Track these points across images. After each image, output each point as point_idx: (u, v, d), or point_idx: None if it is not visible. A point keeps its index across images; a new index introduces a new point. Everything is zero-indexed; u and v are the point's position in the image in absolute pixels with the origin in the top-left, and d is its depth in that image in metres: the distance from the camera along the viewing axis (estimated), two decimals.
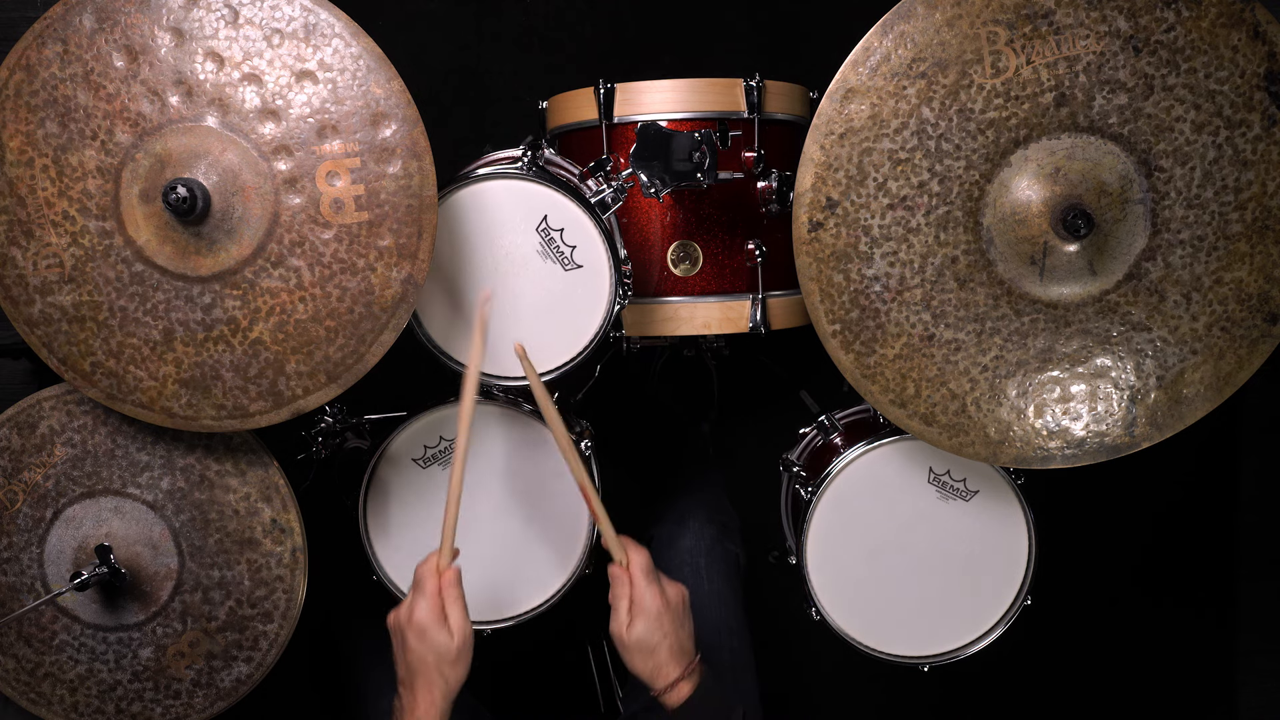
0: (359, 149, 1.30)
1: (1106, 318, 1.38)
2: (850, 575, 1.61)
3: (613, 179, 1.52)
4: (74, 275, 1.32)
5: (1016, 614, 1.62)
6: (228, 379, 1.35)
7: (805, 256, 1.38)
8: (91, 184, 1.30)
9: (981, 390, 1.41)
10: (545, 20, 2.24)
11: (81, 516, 1.48)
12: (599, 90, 1.64)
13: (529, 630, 1.63)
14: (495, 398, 1.58)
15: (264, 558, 1.49)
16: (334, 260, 1.32)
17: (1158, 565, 2.38)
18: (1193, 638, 2.38)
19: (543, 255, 1.48)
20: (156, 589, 1.49)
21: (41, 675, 1.50)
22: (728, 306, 1.67)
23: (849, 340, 1.41)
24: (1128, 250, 1.37)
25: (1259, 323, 1.38)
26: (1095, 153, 1.34)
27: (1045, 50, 1.31)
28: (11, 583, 1.49)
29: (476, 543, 1.59)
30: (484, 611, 1.61)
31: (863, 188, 1.36)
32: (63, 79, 1.29)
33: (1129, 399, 1.41)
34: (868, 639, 1.62)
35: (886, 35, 1.32)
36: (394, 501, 1.60)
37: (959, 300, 1.38)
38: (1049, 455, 1.43)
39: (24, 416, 1.47)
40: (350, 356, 1.35)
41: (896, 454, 1.59)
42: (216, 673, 1.51)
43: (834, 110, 1.34)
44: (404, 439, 1.59)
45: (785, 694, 2.31)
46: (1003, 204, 1.35)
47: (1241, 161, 1.33)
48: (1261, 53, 1.30)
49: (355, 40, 1.29)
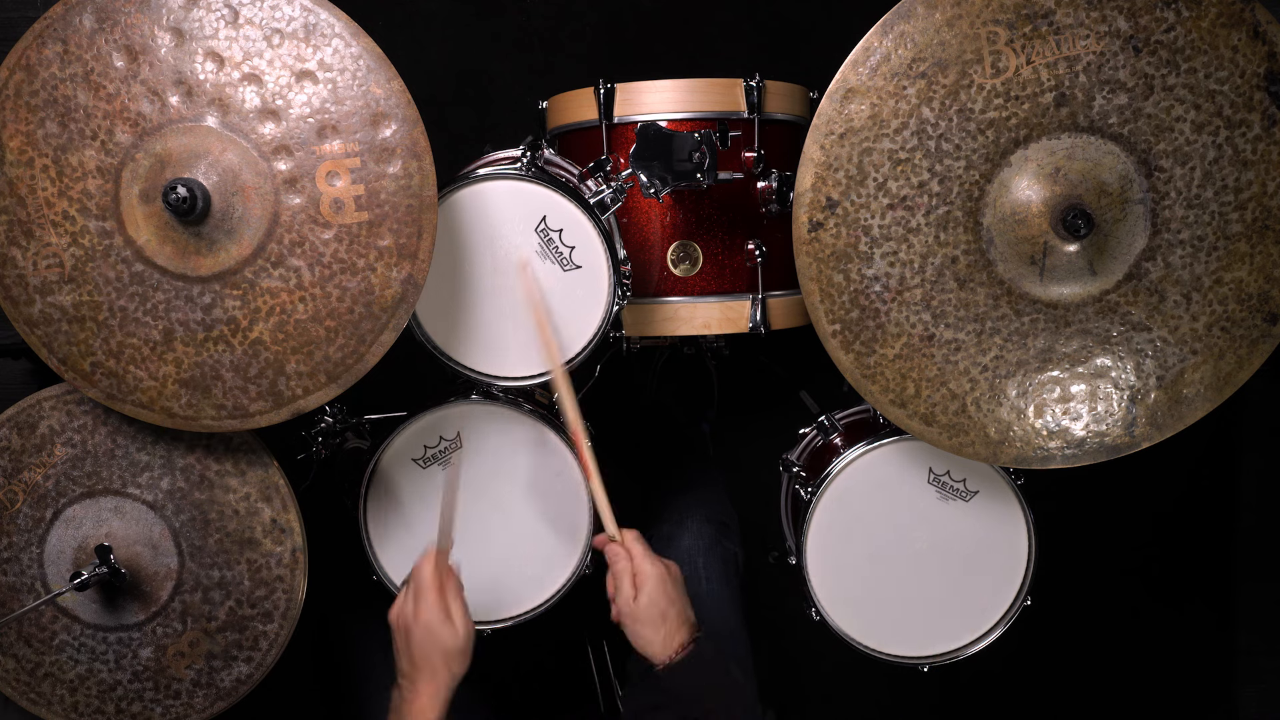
0: (359, 149, 1.30)
1: (1106, 318, 1.38)
2: (850, 575, 1.61)
3: (612, 179, 1.52)
4: (74, 275, 1.32)
5: (1016, 614, 1.62)
6: (228, 379, 1.35)
7: (805, 256, 1.38)
8: (91, 184, 1.30)
9: (981, 390, 1.41)
10: (545, 20, 2.24)
11: (81, 516, 1.48)
12: (599, 90, 1.64)
13: (529, 630, 1.63)
14: (495, 398, 1.58)
15: (264, 558, 1.49)
16: (334, 260, 1.32)
17: (1158, 565, 2.38)
18: (1193, 638, 2.38)
19: (542, 256, 1.48)
20: (156, 589, 1.49)
21: (41, 675, 1.50)
22: (728, 306, 1.67)
23: (849, 340, 1.41)
24: (1128, 250, 1.37)
25: (1259, 323, 1.38)
26: (1095, 153, 1.34)
27: (1045, 50, 1.31)
28: (11, 583, 1.49)
29: (477, 542, 1.60)
30: (484, 611, 1.61)
31: (863, 188, 1.36)
32: (63, 79, 1.29)
33: (1129, 399, 1.41)
34: (868, 639, 1.62)
35: (886, 35, 1.32)
36: (394, 501, 1.60)
37: (959, 300, 1.38)
38: (1049, 455, 1.43)
39: (24, 416, 1.47)
40: (350, 356, 1.35)
41: (896, 454, 1.59)
42: (216, 673, 1.51)
43: (834, 110, 1.34)
44: (404, 439, 1.59)
45: (785, 694, 2.31)
46: (1003, 204, 1.35)
47: (1241, 161, 1.33)
48: (1261, 53, 1.30)
49: (355, 40, 1.29)
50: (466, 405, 1.58)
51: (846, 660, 1.66)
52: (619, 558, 1.36)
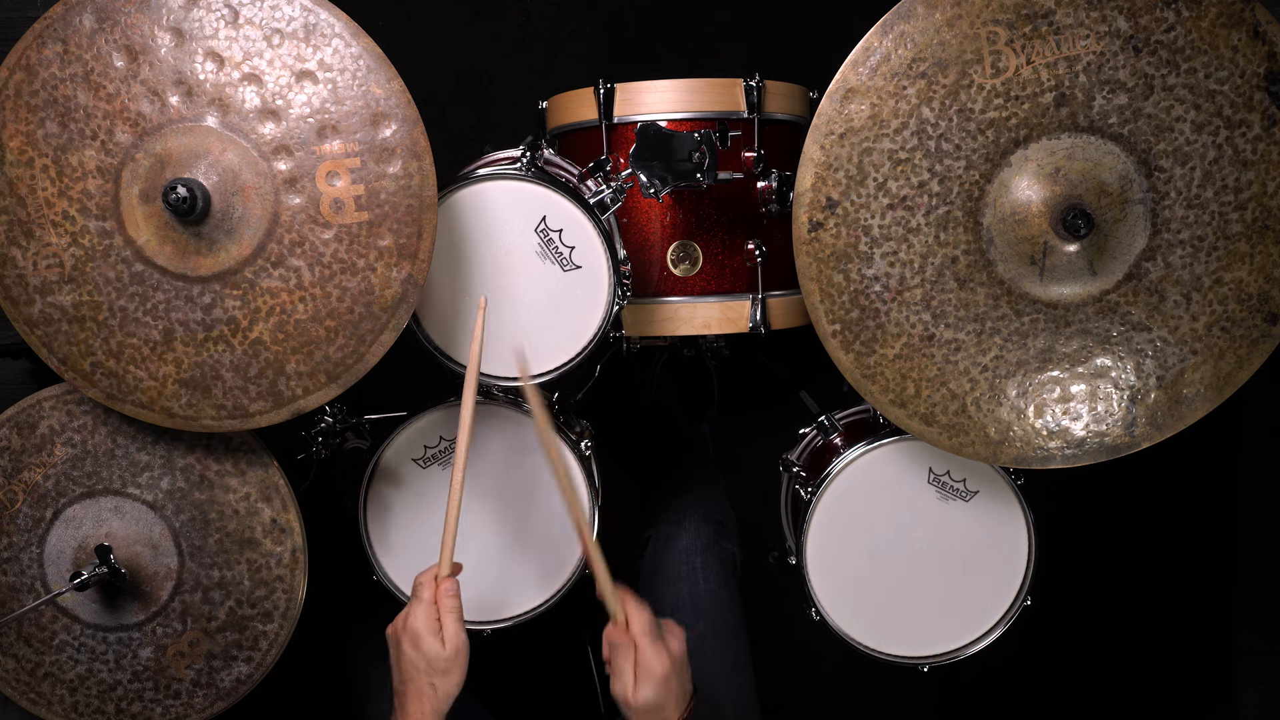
0: (359, 149, 1.30)
1: (1106, 318, 1.38)
2: (850, 575, 1.61)
3: (612, 179, 1.53)
4: (74, 275, 1.32)
5: (1016, 614, 1.62)
6: (228, 379, 1.35)
7: (805, 256, 1.38)
8: (91, 184, 1.30)
9: (981, 390, 1.41)
10: (545, 20, 2.24)
11: (81, 516, 1.48)
12: (599, 90, 1.64)
13: (529, 630, 1.63)
14: (495, 398, 1.58)
15: (264, 558, 1.49)
16: (334, 260, 1.32)
17: (1158, 565, 2.38)
18: (1193, 638, 2.38)
19: (541, 256, 1.48)
20: (156, 589, 1.49)
21: (41, 675, 1.50)
22: (728, 306, 1.67)
23: (849, 340, 1.41)
24: (1128, 250, 1.37)
25: (1259, 323, 1.38)
26: (1095, 153, 1.34)
27: (1045, 50, 1.31)
28: (11, 583, 1.49)
29: (477, 543, 1.60)
30: (484, 612, 1.61)
31: (863, 188, 1.36)
32: (63, 79, 1.29)
33: (1129, 399, 1.41)
34: (868, 639, 1.62)
35: (886, 35, 1.32)
36: (394, 502, 1.60)
37: (959, 300, 1.38)
38: (1049, 455, 1.43)
39: (24, 416, 1.47)
40: (350, 356, 1.35)
41: (896, 454, 1.59)
42: (216, 673, 1.51)
43: (834, 110, 1.34)
44: (404, 439, 1.59)
45: (785, 694, 2.31)
46: (1003, 204, 1.35)
47: (1241, 161, 1.33)
48: (1261, 53, 1.30)
49: (355, 40, 1.29)
50: None
51: (846, 660, 1.66)
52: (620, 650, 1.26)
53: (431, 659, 1.23)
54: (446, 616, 1.26)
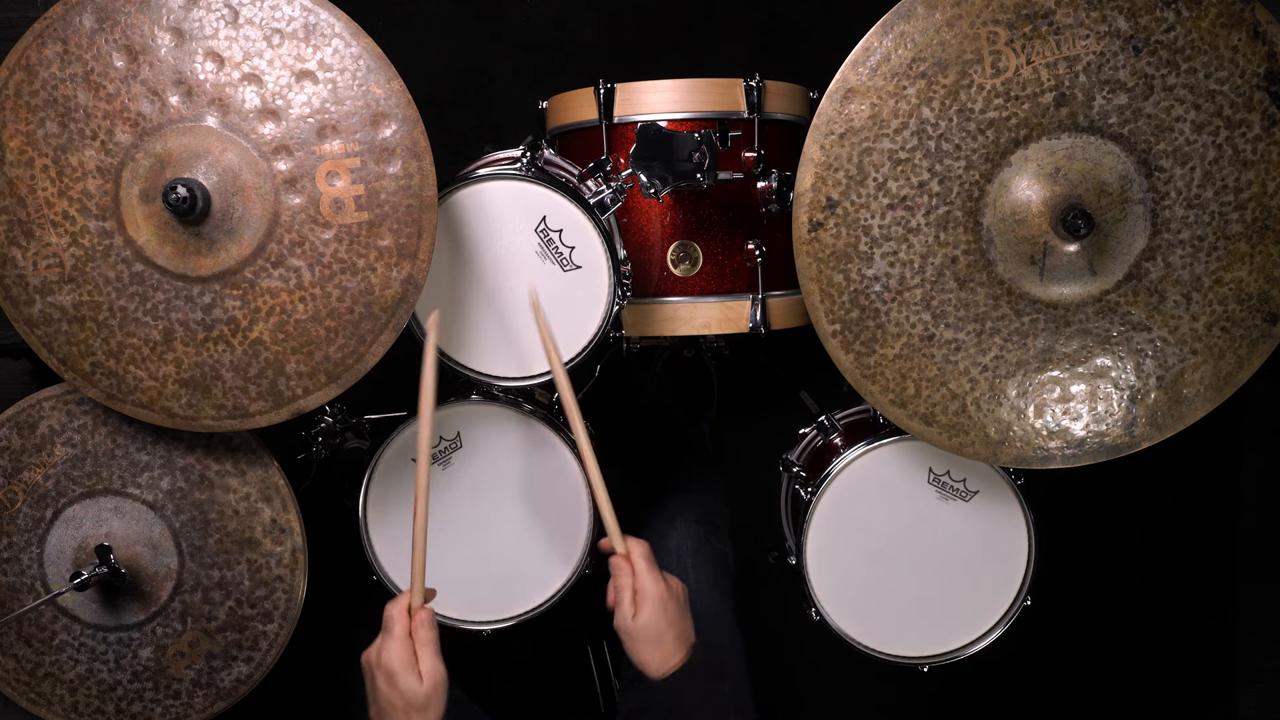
0: (359, 149, 1.30)
1: (1106, 318, 1.38)
2: (850, 576, 1.61)
3: (612, 179, 1.53)
4: (74, 275, 1.32)
5: (1016, 614, 1.61)
6: (228, 379, 1.35)
7: (805, 256, 1.38)
8: (91, 184, 1.30)
9: (981, 390, 1.41)
10: (545, 20, 2.24)
11: (81, 516, 1.48)
12: (599, 90, 1.64)
13: (529, 630, 1.63)
14: (495, 398, 1.59)
15: (264, 558, 1.49)
16: (334, 260, 1.32)
17: (1157, 565, 2.38)
18: (1193, 638, 2.38)
19: (541, 256, 1.48)
20: (156, 589, 1.49)
21: (41, 675, 1.51)
22: (728, 306, 1.67)
23: (849, 340, 1.41)
24: (1128, 250, 1.37)
25: (1259, 323, 1.38)
26: (1095, 153, 1.34)
27: (1045, 50, 1.31)
28: (11, 583, 1.49)
29: (477, 542, 1.60)
30: (484, 611, 1.61)
31: (863, 188, 1.36)
32: (63, 79, 1.29)
33: (1129, 399, 1.41)
34: (867, 639, 1.62)
35: (886, 35, 1.32)
36: (394, 502, 1.60)
37: (959, 300, 1.38)
38: (1049, 455, 1.43)
39: (24, 416, 1.47)
40: (350, 356, 1.35)
41: (896, 454, 1.59)
42: (216, 673, 1.51)
43: (834, 110, 1.34)
44: (404, 439, 1.58)
45: (784, 694, 2.31)
46: (1003, 204, 1.35)
47: (1241, 161, 1.33)
48: (1261, 53, 1.30)
49: (355, 40, 1.29)
50: (466, 405, 1.58)
51: (846, 660, 1.66)
52: (621, 572, 1.31)
53: (410, 697, 1.17)
54: (423, 650, 1.20)
